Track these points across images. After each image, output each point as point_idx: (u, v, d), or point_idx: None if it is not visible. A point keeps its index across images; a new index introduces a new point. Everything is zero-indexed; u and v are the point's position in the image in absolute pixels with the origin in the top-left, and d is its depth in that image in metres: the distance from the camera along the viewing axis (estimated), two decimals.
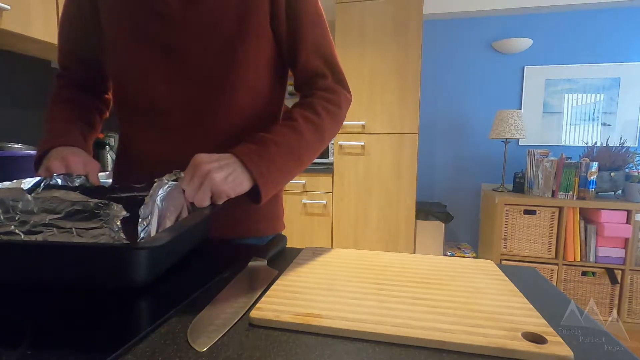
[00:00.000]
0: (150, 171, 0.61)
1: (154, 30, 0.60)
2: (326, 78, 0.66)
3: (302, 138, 0.61)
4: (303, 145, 0.61)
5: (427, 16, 2.63)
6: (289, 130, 0.61)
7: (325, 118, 0.63)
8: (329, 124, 0.64)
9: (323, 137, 0.64)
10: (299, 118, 0.62)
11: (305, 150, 0.61)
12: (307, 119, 0.62)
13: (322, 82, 0.65)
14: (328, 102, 0.64)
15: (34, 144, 1.50)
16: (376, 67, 2.32)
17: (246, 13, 0.60)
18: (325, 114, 0.63)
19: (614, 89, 2.49)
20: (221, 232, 0.68)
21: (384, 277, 0.48)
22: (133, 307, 0.40)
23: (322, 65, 0.65)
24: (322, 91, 0.65)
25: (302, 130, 0.61)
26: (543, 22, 2.55)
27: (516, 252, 2.20)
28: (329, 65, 0.66)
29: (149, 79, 0.62)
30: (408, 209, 2.35)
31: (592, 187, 2.06)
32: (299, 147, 0.61)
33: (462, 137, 2.76)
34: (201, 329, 0.35)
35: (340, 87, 0.67)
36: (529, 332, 0.34)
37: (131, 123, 0.69)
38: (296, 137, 0.60)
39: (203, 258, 0.59)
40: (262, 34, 0.62)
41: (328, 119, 0.63)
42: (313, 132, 0.62)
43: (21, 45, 1.45)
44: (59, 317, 0.37)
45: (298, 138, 0.60)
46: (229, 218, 0.68)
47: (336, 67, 0.67)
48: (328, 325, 0.35)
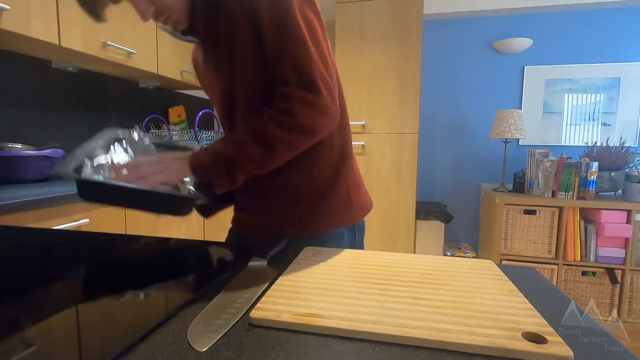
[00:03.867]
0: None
1: (212, 81, 0.75)
2: (286, 84, 0.64)
3: (242, 148, 0.63)
4: (241, 155, 0.63)
5: (427, 16, 2.63)
6: (232, 142, 0.65)
7: (271, 129, 0.62)
8: (278, 135, 0.62)
9: (270, 146, 0.63)
10: (245, 128, 0.65)
11: (242, 159, 0.63)
12: (252, 130, 0.63)
13: (280, 89, 0.64)
14: (277, 112, 0.63)
15: (34, 144, 1.50)
16: (376, 67, 2.32)
17: (236, 38, 0.67)
18: (273, 124, 0.62)
19: (614, 89, 2.49)
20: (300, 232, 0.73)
21: (384, 277, 0.48)
22: (133, 307, 0.40)
23: (290, 72, 0.63)
24: (277, 100, 0.64)
25: (244, 141, 0.63)
26: (543, 22, 2.55)
27: (516, 252, 2.20)
28: (298, 69, 0.63)
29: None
30: (408, 209, 2.35)
31: (592, 187, 2.06)
32: (237, 156, 0.63)
33: (462, 137, 2.76)
34: (201, 329, 0.35)
35: (300, 91, 0.62)
36: (529, 332, 0.34)
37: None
38: (236, 147, 0.64)
39: (203, 258, 0.59)
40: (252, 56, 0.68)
41: (274, 130, 0.62)
42: (257, 144, 0.63)
43: (21, 45, 1.45)
44: (60, 318, 0.37)
45: (238, 148, 0.64)
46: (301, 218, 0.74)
47: (306, 70, 0.63)
48: (328, 325, 0.35)
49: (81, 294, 0.42)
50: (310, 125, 0.63)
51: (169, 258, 0.61)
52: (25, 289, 0.43)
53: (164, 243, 0.70)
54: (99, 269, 0.53)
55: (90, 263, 0.56)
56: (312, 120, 0.63)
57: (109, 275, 0.49)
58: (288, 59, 0.63)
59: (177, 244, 0.70)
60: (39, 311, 0.39)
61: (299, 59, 0.63)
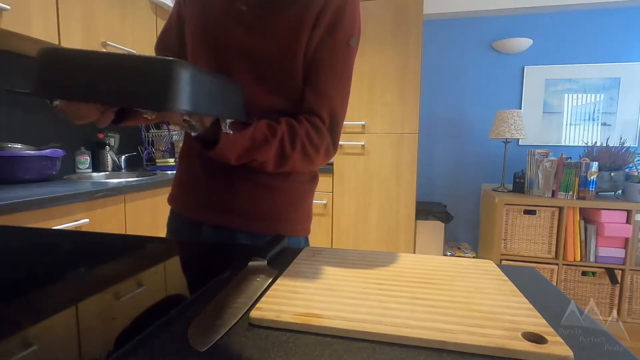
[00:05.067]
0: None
1: (235, 35, 0.67)
2: (323, 122, 0.69)
3: (269, 148, 0.64)
4: (262, 151, 0.63)
5: (427, 16, 2.63)
6: (268, 132, 0.64)
7: (297, 153, 0.66)
8: (297, 160, 0.67)
9: (284, 163, 0.67)
10: (279, 135, 0.64)
11: (258, 157, 0.64)
12: (282, 142, 0.64)
13: (315, 120, 0.68)
14: (310, 141, 0.67)
15: (34, 144, 1.50)
16: (376, 67, 2.32)
17: (298, 27, 0.66)
18: (300, 150, 0.66)
19: (614, 89, 2.49)
20: (243, 225, 0.72)
21: (384, 277, 0.48)
22: (133, 307, 0.40)
23: (326, 113, 0.69)
24: (312, 127, 0.67)
25: (272, 144, 0.64)
26: (543, 22, 2.55)
27: (516, 252, 2.20)
28: (330, 116, 0.69)
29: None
30: (408, 209, 2.35)
31: (592, 187, 2.06)
32: (261, 149, 0.63)
33: (462, 137, 2.76)
34: (201, 329, 0.35)
35: (328, 136, 0.69)
36: (529, 332, 0.34)
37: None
38: (266, 142, 0.63)
39: (203, 258, 0.59)
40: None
41: (298, 155, 0.66)
42: (278, 155, 0.65)
43: (21, 45, 1.45)
44: (60, 318, 0.37)
45: (267, 144, 0.64)
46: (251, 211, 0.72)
47: (336, 120, 0.70)
48: (328, 325, 0.35)
49: (81, 294, 0.42)
50: (318, 165, 0.72)
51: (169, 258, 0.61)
52: (25, 289, 0.43)
53: (163, 243, 0.70)
54: (99, 269, 0.53)
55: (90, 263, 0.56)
56: (322, 163, 0.72)
57: (109, 275, 0.49)
58: (328, 102, 0.69)
59: (177, 244, 0.70)
60: (39, 311, 0.39)
61: (337, 110, 0.70)
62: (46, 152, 1.44)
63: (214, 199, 0.72)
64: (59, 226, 1.17)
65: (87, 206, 1.27)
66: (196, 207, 0.74)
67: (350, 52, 0.69)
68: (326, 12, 0.66)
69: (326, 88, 0.68)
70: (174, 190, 0.80)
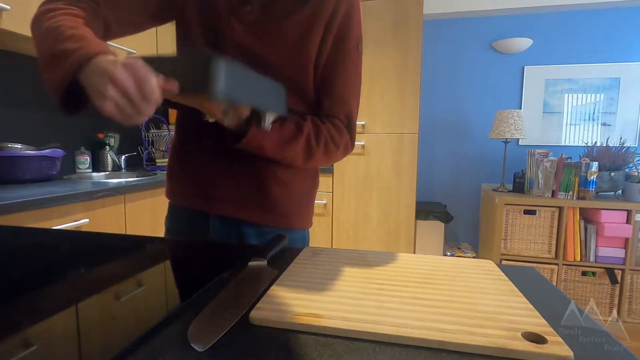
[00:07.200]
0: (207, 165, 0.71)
1: (234, 32, 0.67)
2: (342, 122, 0.73)
3: (297, 143, 0.66)
4: (291, 147, 0.66)
5: (427, 16, 2.63)
6: (295, 128, 0.67)
7: (321, 148, 0.69)
8: (320, 155, 0.70)
9: (311, 159, 0.70)
10: (305, 131, 0.67)
11: (288, 153, 0.67)
12: (308, 137, 0.67)
13: (334, 120, 0.72)
14: (332, 138, 0.70)
15: (34, 144, 1.50)
16: (376, 67, 2.32)
17: (307, 30, 0.67)
18: (323, 146, 0.69)
19: (614, 89, 2.49)
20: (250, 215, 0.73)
21: (384, 277, 0.48)
22: (133, 307, 0.40)
23: (342, 114, 0.72)
24: (333, 126, 0.71)
25: (299, 140, 0.67)
26: (543, 22, 2.55)
27: (516, 252, 2.20)
28: (347, 118, 0.73)
29: None
30: (408, 209, 2.35)
31: (592, 187, 2.06)
32: (286, 146, 0.66)
33: (462, 137, 2.76)
34: (201, 329, 0.35)
35: (347, 134, 0.73)
36: (529, 332, 0.34)
37: (191, 115, 0.68)
38: (294, 138, 0.66)
39: (203, 258, 0.59)
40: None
41: (321, 151, 0.70)
42: (305, 150, 0.68)
43: (21, 45, 1.45)
44: (60, 318, 0.37)
45: (294, 139, 0.66)
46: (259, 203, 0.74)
47: (352, 121, 0.74)
48: (328, 325, 0.35)
49: (81, 294, 0.42)
50: (336, 160, 0.75)
51: (169, 258, 0.61)
52: (25, 289, 0.43)
53: (163, 243, 0.70)
54: (99, 269, 0.53)
55: (90, 263, 0.56)
56: (340, 158, 0.75)
57: (108, 275, 0.49)
58: (345, 107, 0.72)
59: (177, 244, 0.70)
60: (39, 311, 0.39)
61: (353, 112, 0.74)
62: (46, 152, 1.44)
63: (223, 191, 0.73)
64: (59, 226, 1.17)
65: (87, 206, 1.27)
66: (205, 199, 0.74)
67: (360, 56, 0.72)
68: (337, 17, 0.67)
69: (342, 93, 0.71)
70: (174, 184, 0.78)
